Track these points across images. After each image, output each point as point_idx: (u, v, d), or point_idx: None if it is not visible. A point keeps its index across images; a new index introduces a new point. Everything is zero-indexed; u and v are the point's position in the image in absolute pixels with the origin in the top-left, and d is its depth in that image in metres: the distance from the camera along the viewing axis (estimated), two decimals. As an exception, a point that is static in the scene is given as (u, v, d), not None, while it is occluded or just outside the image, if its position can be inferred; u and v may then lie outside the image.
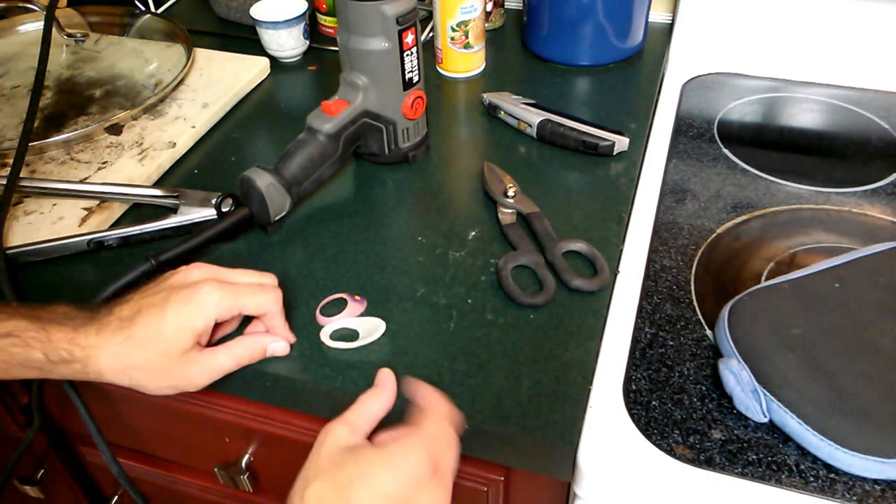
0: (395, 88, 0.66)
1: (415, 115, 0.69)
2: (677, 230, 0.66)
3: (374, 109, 0.66)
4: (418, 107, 0.68)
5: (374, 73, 0.65)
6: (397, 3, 0.62)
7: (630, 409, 0.51)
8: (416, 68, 0.67)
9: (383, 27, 0.63)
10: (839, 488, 0.46)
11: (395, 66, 0.65)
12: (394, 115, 0.68)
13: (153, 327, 0.48)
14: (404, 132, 0.69)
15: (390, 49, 0.64)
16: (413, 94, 0.67)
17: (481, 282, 0.60)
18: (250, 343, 0.53)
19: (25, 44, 0.94)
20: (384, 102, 0.66)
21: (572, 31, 0.84)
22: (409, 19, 0.64)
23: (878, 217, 0.67)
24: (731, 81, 0.86)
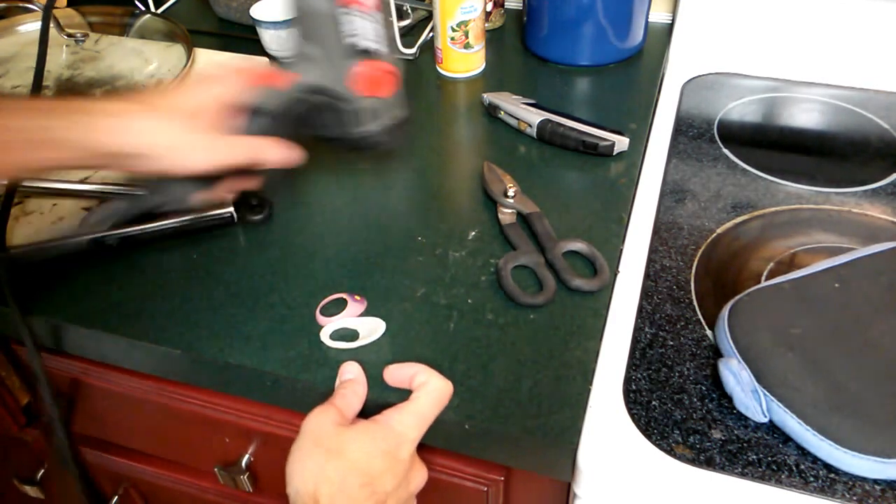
0: (337, 57, 0.54)
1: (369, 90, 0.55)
2: (677, 230, 0.66)
3: (324, 83, 0.55)
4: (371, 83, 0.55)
5: (314, 38, 0.54)
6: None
7: (630, 409, 0.51)
8: (368, 33, 0.54)
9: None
10: (839, 488, 0.46)
11: (330, 27, 0.53)
12: (340, 90, 0.55)
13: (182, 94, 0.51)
14: (354, 114, 0.57)
15: (324, 7, 0.53)
16: (365, 65, 0.54)
17: (481, 282, 0.60)
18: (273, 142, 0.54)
19: (25, 44, 0.94)
20: (328, 74, 0.55)
21: (572, 31, 0.84)
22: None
23: (878, 217, 0.67)
24: (731, 81, 0.86)
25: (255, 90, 0.53)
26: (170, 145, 0.49)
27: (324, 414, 0.46)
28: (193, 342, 0.56)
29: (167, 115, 0.49)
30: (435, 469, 0.58)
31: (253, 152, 0.53)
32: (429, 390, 0.47)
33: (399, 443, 0.45)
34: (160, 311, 0.59)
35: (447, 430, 0.51)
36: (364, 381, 0.51)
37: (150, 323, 0.58)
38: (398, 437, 0.45)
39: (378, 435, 0.45)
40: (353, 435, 0.44)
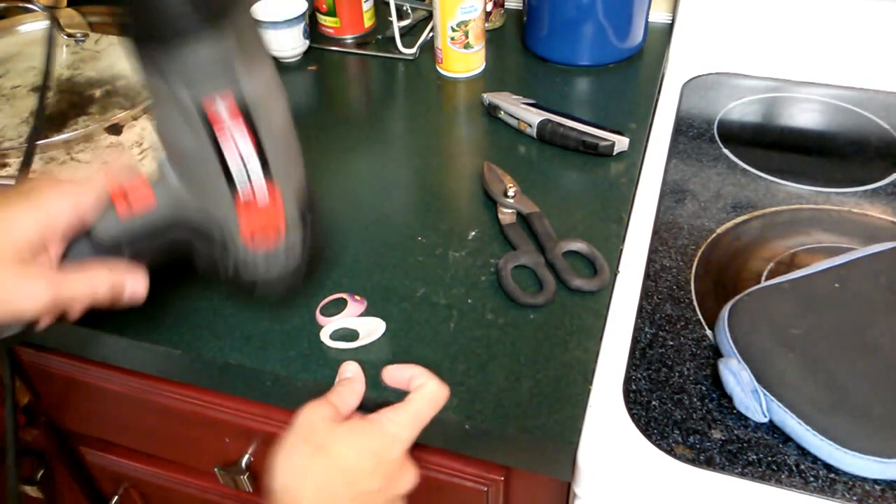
0: (216, 186, 0.40)
1: (256, 232, 0.42)
2: (677, 230, 0.66)
3: (194, 212, 0.42)
4: (266, 231, 0.42)
5: (181, 163, 0.42)
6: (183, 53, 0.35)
7: (630, 409, 0.51)
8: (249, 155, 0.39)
9: (171, 92, 0.37)
10: (839, 488, 0.46)
11: (205, 152, 0.39)
12: (226, 220, 0.42)
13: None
14: (245, 255, 0.43)
15: (187, 127, 0.38)
16: (249, 197, 0.40)
17: (481, 282, 0.60)
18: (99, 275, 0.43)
19: (25, 44, 0.94)
20: (207, 203, 0.42)
21: (572, 31, 0.84)
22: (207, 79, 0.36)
23: (878, 217, 0.66)
24: (731, 81, 0.86)
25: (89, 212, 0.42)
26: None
27: (317, 409, 0.45)
28: (193, 342, 0.56)
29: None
30: (435, 469, 0.58)
31: (73, 293, 0.42)
32: (425, 392, 0.47)
33: (390, 443, 0.44)
34: (160, 311, 0.59)
35: (447, 430, 0.51)
36: (363, 379, 0.51)
37: (150, 323, 0.58)
38: (390, 437, 0.44)
39: (369, 434, 0.44)
40: (343, 432, 0.44)
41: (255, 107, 0.38)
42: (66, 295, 0.42)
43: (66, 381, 0.69)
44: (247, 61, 0.37)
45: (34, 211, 0.41)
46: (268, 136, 0.39)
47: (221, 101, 0.37)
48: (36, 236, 0.41)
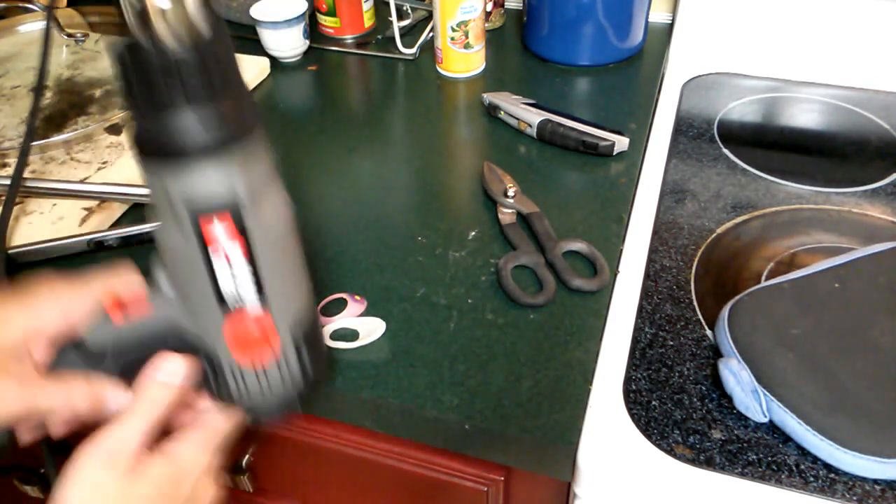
0: (206, 305, 0.39)
1: (246, 354, 0.40)
2: (677, 230, 0.66)
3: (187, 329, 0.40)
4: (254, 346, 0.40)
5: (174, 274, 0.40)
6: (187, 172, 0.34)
7: (630, 409, 0.51)
8: (244, 280, 0.38)
9: (170, 207, 0.36)
10: (839, 488, 0.46)
11: (197, 268, 0.37)
12: (214, 343, 0.40)
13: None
14: (235, 377, 0.41)
15: (182, 242, 0.37)
16: (238, 320, 0.39)
17: (481, 282, 0.60)
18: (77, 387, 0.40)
19: (25, 44, 0.94)
20: (198, 323, 0.40)
21: (572, 31, 0.84)
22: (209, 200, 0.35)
23: (878, 217, 0.67)
24: (731, 81, 0.86)
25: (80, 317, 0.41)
26: None
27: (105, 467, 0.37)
28: (193, 342, 0.56)
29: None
30: (435, 469, 0.58)
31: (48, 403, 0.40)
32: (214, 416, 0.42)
33: (180, 478, 0.39)
34: (160, 311, 0.58)
35: (447, 430, 0.51)
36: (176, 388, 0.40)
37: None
38: (181, 472, 0.39)
39: (161, 477, 0.38)
40: (138, 490, 0.37)
41: (255, 230, 0.37)
42: (41, 405, 0.39)
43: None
44: (252, 184, 0.36)
45: (24, 314, 0.39)
46: (266, 260, 0.38)
47: (220, 222, 0.36)
48: (21, 340, 0.39)
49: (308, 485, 0.68)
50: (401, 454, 0.59)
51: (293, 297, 0.40)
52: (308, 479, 0.67)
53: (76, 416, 0.41)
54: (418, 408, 0.51)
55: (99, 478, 0.36)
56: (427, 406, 0.51)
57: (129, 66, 0.33)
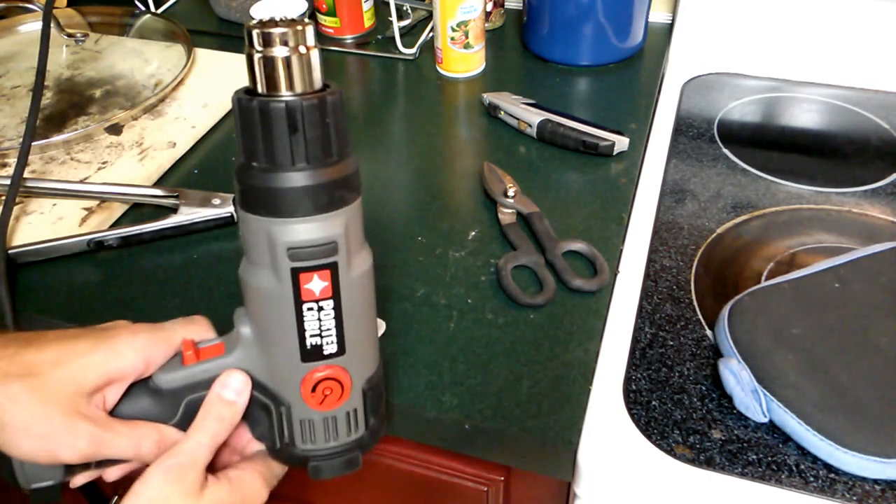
0: (287, 354, 0.40)
1: (321, 404, 0.41)
2: (677, 230, 0.66)
3: (259, 376, 0.42)
4: (329, 394, 0.41)
5: (259, 323, 0.41)
6: (297, 227, 0.37)
7: (630, 409, 0.51)
8: (330, 333, 0.39)
9: (270, 256, 0.38)
10: (839, 488, 0.46)
11: (285, 319, 0.39)
12: (287, 394, 0.42)
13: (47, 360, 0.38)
14: (302, 427, 0.42)
15: (277, 292, 0.38)
16: (320, 370, 0.40)
17: (481, 282, 0.60)
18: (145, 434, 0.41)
19: (25, 44, 0.94)
20: (273, 371, 0.41)
21: (572, 31, 0.84)
22: (313, 256, 0.37)
23: (878, 217, 0.67)
24: (731, 81, 0.86)
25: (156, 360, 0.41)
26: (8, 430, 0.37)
27: (173, 483, 0.37)
28: (193, 342, 0.56)
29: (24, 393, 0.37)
30: (435, 469, 0.58)
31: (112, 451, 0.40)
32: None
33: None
34: (160, 311, 0.59)
35: (447, 430, 0.51)
36: (243, 406, 0.41)
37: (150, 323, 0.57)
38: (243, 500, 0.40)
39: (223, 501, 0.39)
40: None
41: (346, 289, 0.39)
42: (111, 451, 0.39)
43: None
44: (351, 244, 0.39)
45: (105, 356, 0.39)
46: (352, 317, 0.40)
47: (319, 279, 0.38)
48: (102, 382, 0.39)
49: (308, 485, 0.68)
50: (401, 454, 0.59)
51: (369, 355, 0.42)
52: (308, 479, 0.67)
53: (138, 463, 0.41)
54: (418, 408, 0.51)
55: (165, 493, 0.37)
56: (427, 406, 0.51)
57: (254, 119, 0.35)
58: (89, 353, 0.39)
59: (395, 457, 0.59)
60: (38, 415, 0.37)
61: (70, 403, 0.38)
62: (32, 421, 0.37)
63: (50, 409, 0.37)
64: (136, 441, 0.40)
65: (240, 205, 0.38)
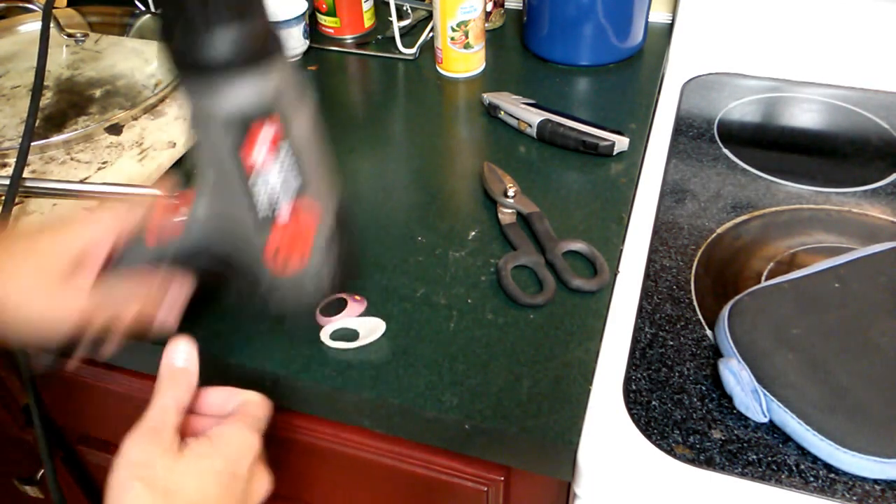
0: (244, 224, 0.41)
1: (279, 267, 0.42)
2: (677, 230, 0.66)
3: (220, 245, 0.43)
4: (288, 256, 0.42)
5: (212, 195, 0.42)
6: (245, 87, 0.37)
7: (630, 409, 0.51)
8: (279, 200, 0.40)
9: (211, 131, 0.38)
10: (839, 488, 0.46)
11: (237, 192, 0.40)
12: (250, 260, 0.43)
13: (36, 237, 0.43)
14: (270, 290, 0.44)
15: (227, 167, 0.39)
16: (278, 234, 0.41)
17: (481, 282, 0.60)
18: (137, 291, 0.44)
19: (25, 44, 0.94)
20: (232, 239, 0.43)
21: (572, 31, 0.84)
22: (253, 120, 0.38)
23: (878, 217, 0.67)
24: (731, 81, 0.86)
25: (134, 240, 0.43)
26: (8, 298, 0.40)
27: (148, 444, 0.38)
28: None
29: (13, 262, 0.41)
30: (435, 469, 0.58)
31: (110, 310, 0.43)
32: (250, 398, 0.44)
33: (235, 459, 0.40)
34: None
35: (447, 430, 0.51)
36: (195, 370, 0.42)
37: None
38: (234, 452, 0.40)
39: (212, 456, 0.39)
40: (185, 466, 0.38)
41: (295, 134, 0.39)
42: (99, 311, 0.43)
43: (66, 382, 0.69)
44: (289, 93, 0.39)
45: (73, 234, 0.42)
46: (301, 165, 0.40)
47: (266, 129, 0.38)
48: (76, 257, 0.42)
49: (308, 485, 0.68)
50: (401, 454, 0.59)
51: (327, 197, 0.42)
52: (308, 479, 0.67)
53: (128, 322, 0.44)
54: (418, 408, 0.51)
55: (145, 455, 0.38)
56: (427, 406, 0.51)
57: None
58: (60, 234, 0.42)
59: (395, 457, 0.59)
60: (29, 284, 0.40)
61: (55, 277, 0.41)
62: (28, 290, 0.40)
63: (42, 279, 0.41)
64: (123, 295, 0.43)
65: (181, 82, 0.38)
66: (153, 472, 0.37)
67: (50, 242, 0.42)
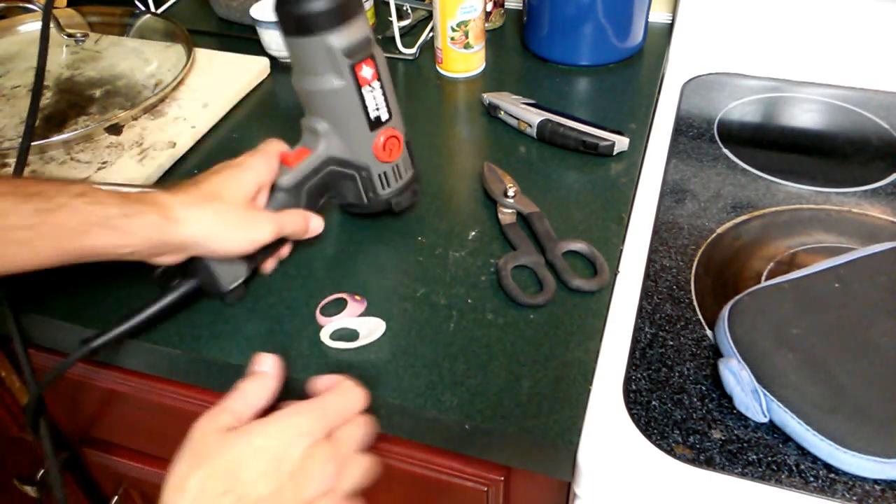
0: (360, 129, 0.57)
1: (390, 157, 0.59)
2: (677, 230, 0.66)
3: (341, 155, 0.58)
4: (393, 148, 0.59)
5: (332, 115, 0.57)
6: (344, 34, 0.53)
7: (630, 409, 0.51)
8: (382, 104, 0.57)
9: (331, 63, 0.54)
10: (839, 488, 0.46)
11: (354, 105, 0.56)
12: (365, 159, 0.59)
13: (217, 184, 0.53)
14: (381, 177, 0.60)
15: (344, 87, 0.55)
16: (383, 133, 0.58)
17: (481, 282, 0.60)
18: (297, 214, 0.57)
19: (25, 44, 0.94)
20: (351, 146, 0.58)
21: (572, 31, 0.84)
22: (360, 50, 0.54)
23: (878, 217, 0.67)
24: (731, 81, 0.86)
25: (277, 170, 0.57)
26: (219, 231, 0.52)
27: (212, 419, 0.42)
28: (193, 342, 0.56)
29: (213, 203, 0.52)
30: (435, 469, 0.58)
31: (286, 228, 0.55)
32: (339, 388, 0.45)
33: (289, 441, 0.41)
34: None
35: (447, 430, 0.51)
36: (275, 375, 0.46)
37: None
38: (290, 434, 0.41)
39: (263, 434, 0.41)
40: (234, 440, 0.40)
41: (381, 68, 0.56)
42: (284, 230, 0.55)
43: (66, 382, 0.69)
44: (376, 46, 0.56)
45: (250, 171, 0.54)
46: (388, 89, 0.58)
47: (367, 66, 0.55)
48: (254, 188, 0.54)
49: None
50: (401, 454, 0.59)
51: (401, 117, 0.60)
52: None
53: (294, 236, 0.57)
54: (418, 408, 0.51)
55: (200, 430, 0.41)
56: (427, 406, 0.51)
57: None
58: (240, 175, 0.54)
59: (395, 457, 0.59)
60: (231, 219, 0.52)
61: (247, 206, 0.53)
62: (230, 223, 0.52)
63: (237, 212, 0.52)
64: (295, 217, 0.56)
65: (293, 34, 0.54)
66: (204, 444, 0.41)
67: (233, 185, 0.53)
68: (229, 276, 0.56)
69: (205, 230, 0.51)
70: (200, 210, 0.51)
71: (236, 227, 0.52)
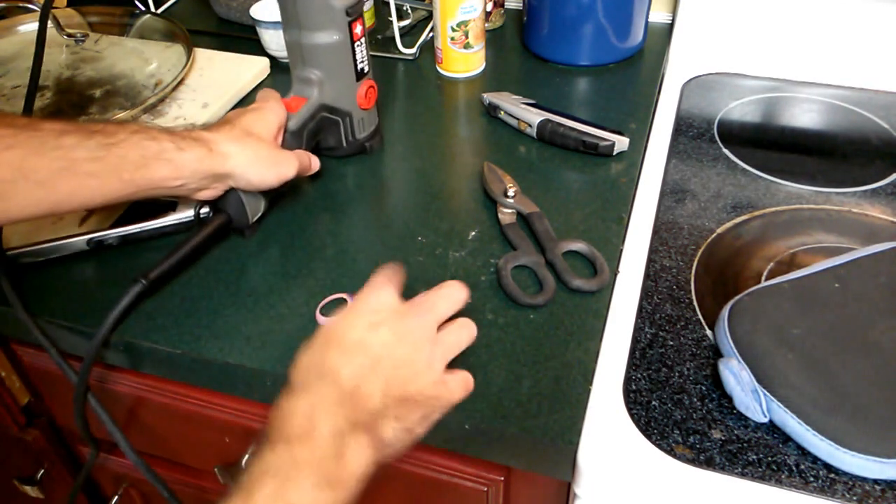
0: (349, 80, 0.68)
1: (368, 104, 0.70)
2: (677, 230, 0.66)
3: (330, 102, 0.68)
4: (371, 96, 0.70)
5: (327, 67, 0.67)
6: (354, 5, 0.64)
7: (630, 409, 0.51)
8: (365, 58, 0.68)
9: (333, 19, 0.64)
10: (839, 488, 0.46)
11: (346, 57, 0.67)
12: (349, 106, 0.69)
13: (249, 123, 0.59)
14: (360, 123, 0.71)
15: (341, 41, 0.65)
16: (365, 83, 0.69)
17: (481, 282, 0.60)
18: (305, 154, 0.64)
19: (25, 44, 0.94)
20: (339, 95, 0.68)
21: (572, 31, 0.84)
22: (357, 10, 0.65)
23: (878, 217, 0.67)
24: (731, 81, 0.86)
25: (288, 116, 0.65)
26: (252, 164, 0.58)
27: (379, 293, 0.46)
28: (193, 342, 0.56)
29: (249, 140, 0.58)
30: (435, 469, 0.58)
31: (303, 165, 0.62)
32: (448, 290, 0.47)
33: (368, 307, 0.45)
34: (161, 308, 0.59)
35: (447, 430, 0.51)
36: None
37: (150, 323, 0.58)
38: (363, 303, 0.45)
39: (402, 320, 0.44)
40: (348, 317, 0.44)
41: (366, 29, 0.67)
42: (302, 168, 0.62)
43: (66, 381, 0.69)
44: None
45: (274, 114, 0.62)
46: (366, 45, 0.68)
47: (359, 24, 0.66)
48: (277, 129, 0.62)
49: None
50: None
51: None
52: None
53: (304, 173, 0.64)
54: (418, 408, 0.51)
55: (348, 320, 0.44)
56: (427, 406, 0.50)
57: None
58: (267, 116, 0.61)
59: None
60: (265, 154, 0.59)
61: (275, 144, 0.62)
62: (264, 158, 0.58)
63: (269, 149, 0.59)
64: (303, 157, 0.63)
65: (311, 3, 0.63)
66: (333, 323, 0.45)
67: (263, 124, 0.60)
68: (254, 209, 0.62)
69: (245, 163, 0.57)
70: (241, 145, 0.57)
71: (269, 162, 0.59)
